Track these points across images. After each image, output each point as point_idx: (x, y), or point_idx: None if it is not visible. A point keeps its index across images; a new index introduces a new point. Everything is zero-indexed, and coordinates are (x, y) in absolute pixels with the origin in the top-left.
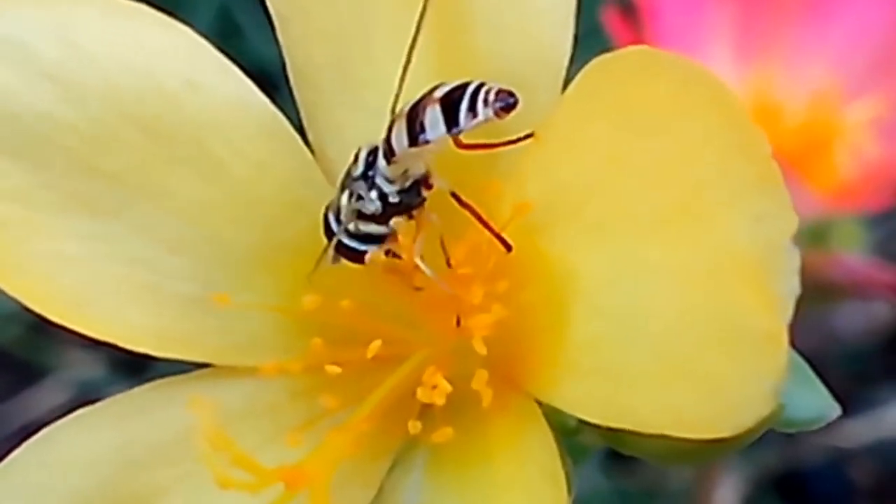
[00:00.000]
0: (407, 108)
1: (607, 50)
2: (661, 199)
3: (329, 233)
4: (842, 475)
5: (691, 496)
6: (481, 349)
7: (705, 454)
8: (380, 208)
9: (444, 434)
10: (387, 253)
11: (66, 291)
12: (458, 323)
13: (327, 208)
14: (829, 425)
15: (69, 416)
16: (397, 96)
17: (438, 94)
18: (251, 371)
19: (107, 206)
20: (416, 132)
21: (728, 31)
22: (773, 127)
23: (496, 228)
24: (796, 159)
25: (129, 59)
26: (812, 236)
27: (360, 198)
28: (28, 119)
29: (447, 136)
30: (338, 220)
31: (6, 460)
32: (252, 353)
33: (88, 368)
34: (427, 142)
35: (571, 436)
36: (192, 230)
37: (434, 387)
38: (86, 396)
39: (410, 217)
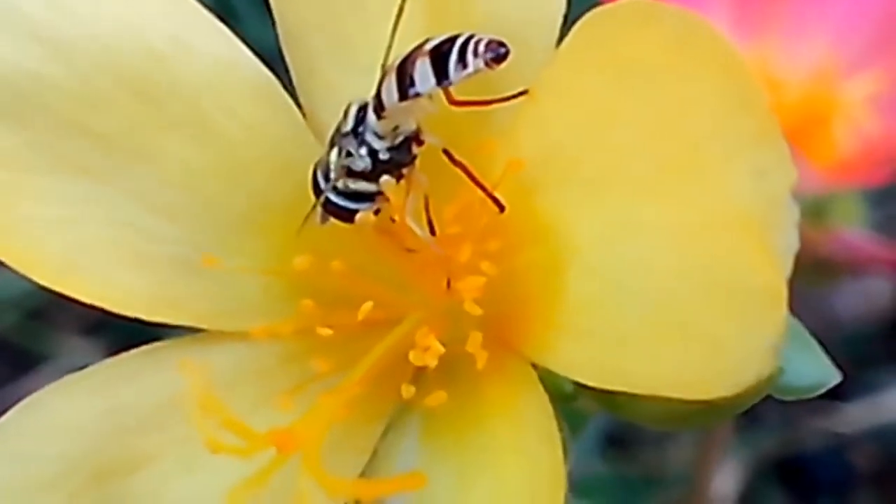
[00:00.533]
0: (397, 63)
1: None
2: (657, 154)
3: (317, 190)
4: (842, 460)
5: (690, 481)
6: (474, 310)
7: (703, 417)
8: (369, 165)
9: (437, 398)
10: (376, 213)
11: (56, 255)
12: (449, 285)
13: (316, 165)
14: (828, 409)
15: (56, 382)
16: (387, 54)
17: (428, 47)
18: (242, 335)
19: (96, 168)
20: (405, 85)
21: (727, 6)
22: (771, 102)
23: (488, 187)
24: (795, 135)
25: (118, 18)
26: (811, 212)
27: (349, 154)
28: (14, 79)
29: (437, 88)
30: (326, 178)
31: None
32: (243, 317)
33: (86, 356)
34: (417, 95)
35: (568, 401)
36: (183, 192)
37: (426, 348)
38: None
39: (400, 176)
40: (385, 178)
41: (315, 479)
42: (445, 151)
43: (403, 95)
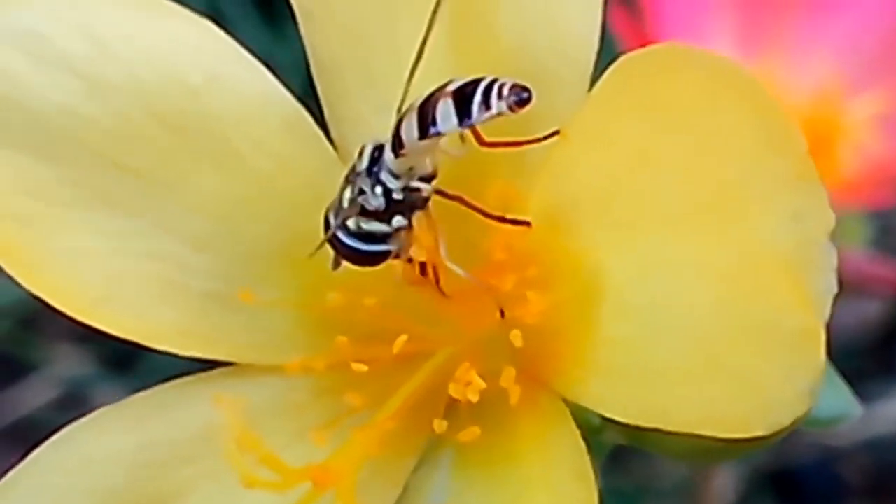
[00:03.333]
0: (418, 102)
1: (613, 50)
2: (692, 195)
3: (325, 229)
4: (835, 472)
5: (684, 493)
6: (518, 342)
7: (733, 452)
8: (383, 204)
9: (471, 433)
10: (395, 256)
11: (89, 288)
12: (503, 315)
13: (328, 208)
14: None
15: (89, 416)
16: (406, 91)
17: (451, 88)
18: (273, 369)
19: (129, 201)
20: (426, 124)
21: (731, 27)
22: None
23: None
24: None
25: (151, 53)
26: None
27: (362, 192)
28: (49, 114)
29: (459, 128)
30: (337, 218)
31: (26, 461)
32: (275, 351)
33: (77, 364)
34: (438, 134)
35: (595, 434)
36: (215, 226)
37: (468, 383)
38: (75, 392)
39: (410, 216)
40: (398, 218)
41: None
42: (438, 191)
43: (424, 134)
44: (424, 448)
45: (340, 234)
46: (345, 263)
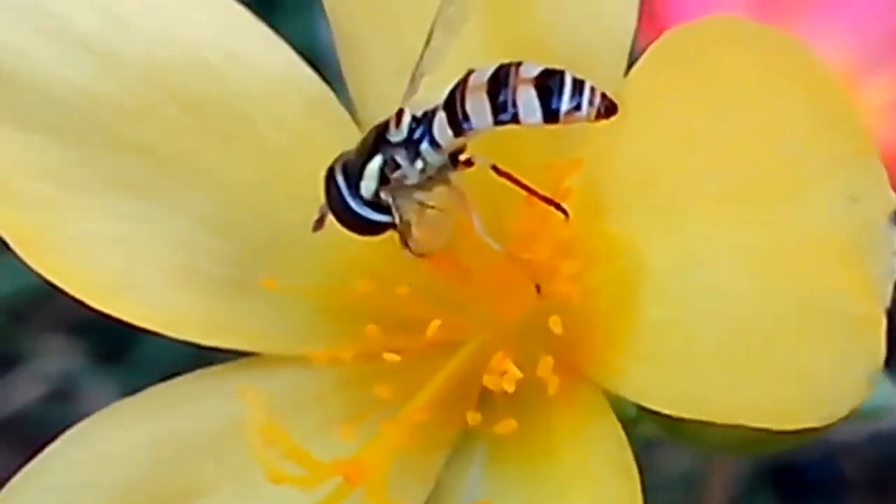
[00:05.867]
0: (484, 79)
1: None
2: (742, 176)
3: (336, 195)
4: (835, 466)
5: (684, 487)
6: (557, 329)
7: (777, 444)
8: (417, 179)
9: (507, 426)
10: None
11: (107, 275)
12: (539, 290)
13: (332, 168)
14: None
15: (108, 408)
16: (419, 61)
17: (530, 73)
18: (295, 360)
19: (148, 184)
20: (501, 107)
21: (742, 12)
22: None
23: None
24: None
25: (170, 30)
26: None
27: (395, 164)
28: (64, 93)
29: (542, 123)
30: (350, 184)
31: (42, 455)
32: (298, 341)
33: (67, 357)
34: (517, 122)
35: (630, 426)
36: (237, 209)
37: (503, 373)
38: (64, 386)
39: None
40: (419, 194)
41: None
42: (494, 167)
43: (498, 118)
44: (456, 441)
45: (351, 201)
46: (333, 228)
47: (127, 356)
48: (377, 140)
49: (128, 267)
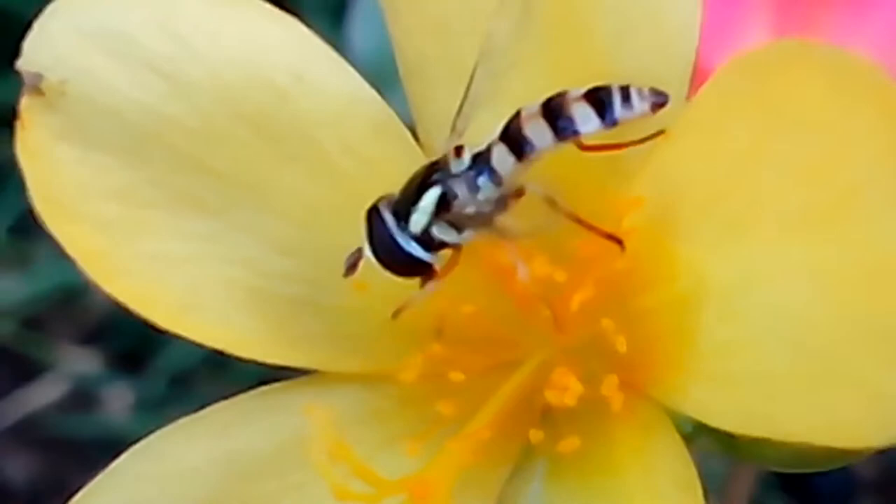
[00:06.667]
0: (536, 108)
1: None
2: (809, 198)
3: (380, 229)
4: (844, 469)
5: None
6: (622, 347)
7: (836, 461)
8: (473, 212)
9: (570, 444)
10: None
11: (173, 294)
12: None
13: (375, 205)
14: None
15: (171, 426)
16: (467, 90)
17: (578, 93)
18: (357, 377)
19: (214, 205)
20: (562, 126)
21: (765, 23)
22: None
23: (605, 230)
24: None
25: (236, 52)
26: None
27: (455, 197)
28: (133, 114)
29: (602, 129)
30: (399, 218)
31: (108, 470)
32: (361, 358)
33: (85, 364)
34: (577, 134)
35: (687, 442)
36: (302, 230)
37: (565, 388)
38: (83, 393)
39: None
40: (468, 232)
41: None
42: (549, 200)
43: (560, 135)
44: (517, 458)
45: (398, 236)
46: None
47: (144, 362)
48: (430, 174)
49: (196, 286)
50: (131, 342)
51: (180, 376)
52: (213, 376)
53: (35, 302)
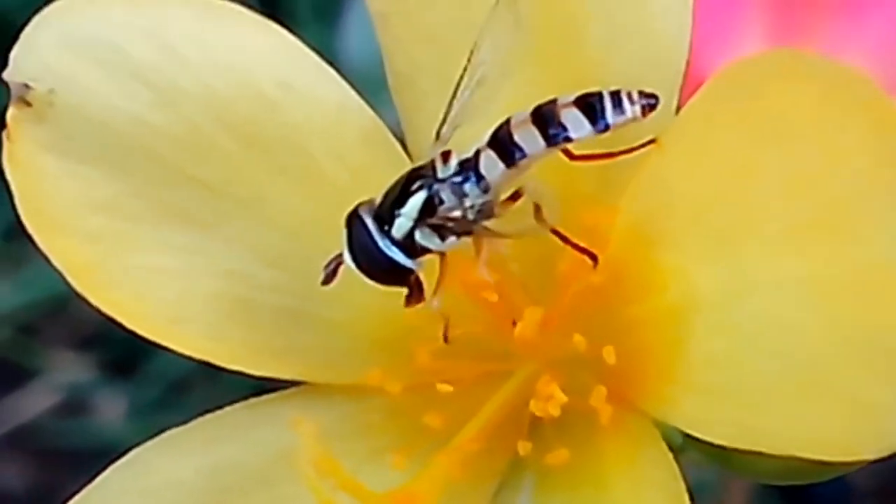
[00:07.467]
0: (526, 115)
1: None
2: (799, 209)
3: (361, 233)
4: (845, 475)
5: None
6: (611, 359)
7: (828, 473)
8: (459, 218)
9: (558, 456)
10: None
11: (161, 307)
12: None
13: (355, 210)
14: None
15: (157, 439)
16: (452, 98)
17: (568, 99)
18: (344, 388)
19: (202, 216)
20: (551, 132)
21: (761, 29)
22: None
23: (586, 246)
24: None
25: (224, 61)
26: None
27: (440, 202)
28: (120, 125)
29: (593, 134)
30: (381, 223)
31: (93, 484)
32: (349, 370)
33: (78, 370)
34: (569, 140)
35: (676, 454)
36: (290, 240)
37: (549, 398)
38: (76, 399)
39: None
40: (451, 239)
41: None
42: (536, 210)
43: (550, 141)
44: (505, 470)
45: (379, 240)
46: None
47: (137, 369)
48: (414, 180)
49: (183, 299)
50: (124, 349)
51: (173, 383)
52: (206, 383)
53: (27, 309)
